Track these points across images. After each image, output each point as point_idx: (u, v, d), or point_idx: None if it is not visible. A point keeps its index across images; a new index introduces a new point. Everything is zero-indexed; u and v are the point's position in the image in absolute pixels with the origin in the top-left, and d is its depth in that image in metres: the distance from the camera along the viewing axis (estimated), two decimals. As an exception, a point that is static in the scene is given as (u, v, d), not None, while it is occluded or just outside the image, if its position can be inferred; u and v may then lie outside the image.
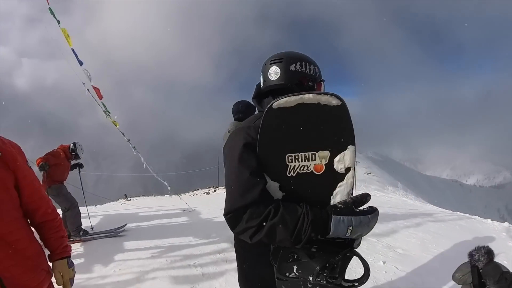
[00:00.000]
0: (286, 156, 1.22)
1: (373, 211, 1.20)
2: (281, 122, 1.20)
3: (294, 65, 1.43)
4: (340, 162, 1.24)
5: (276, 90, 1.48)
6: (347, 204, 1.19)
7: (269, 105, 1.20)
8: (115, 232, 5.56)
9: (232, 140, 1.33)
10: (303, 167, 1.22)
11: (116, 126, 6.77)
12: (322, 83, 1.54)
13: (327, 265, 1.18)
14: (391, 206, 7.49)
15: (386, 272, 3.46)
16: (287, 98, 1.18)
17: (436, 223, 5.48)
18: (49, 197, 4.78)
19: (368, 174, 19.26)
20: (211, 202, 8.43)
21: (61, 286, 1.70)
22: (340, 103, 1.20)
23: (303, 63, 1.45)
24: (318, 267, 1.16)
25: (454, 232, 4.88)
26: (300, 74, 1.44)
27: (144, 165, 7.47)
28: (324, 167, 1.23)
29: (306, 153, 1.22)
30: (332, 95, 1.19)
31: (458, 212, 7.04)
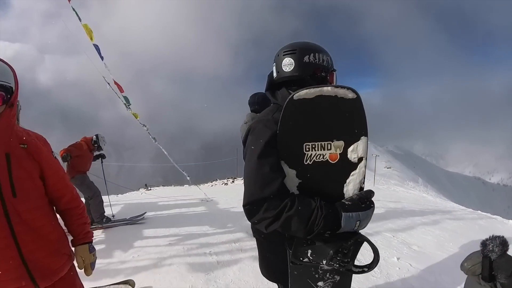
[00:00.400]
0: (304, 145, 1.29)
1: (372, 204, 1.31)
2: (300, 112, 1.27)
3: (307, 56, 1.46)
4: (354, 152, 1.32)
5: (289, 82, 1.51)
6: (353, 200, 1.27)
7: (290, 96, 1.26)
8: (134, 220, 5.73)
9: (254, 134, 1.39)
10: (319, 155, 1.30)
11: (136, 118, 6.91)
12: (334, 73, 1.57)
13: (340, 249, 1.25)
14: (409, 201, 7.40)
15: (399, 268, 3.44)
16: (307, 90, 1.25)
17: (454, 221, 5.37)
18: (75, 186, 4.96)
19: (388, 168, 18.99)
20: (229, 193, 8.52)
21: (83, 270, 1.80)
22: (356, 96, 1.27)
23: (316, 54, 1.47)
24: (332, 251, 1.24)
25: (472, 232, 4.76)
26: (314, 65, 1.47)
27: (166, 154, 7.59)
28: (338, 156, 1.31)
29: (322, 143, 1.29)
30: (348, 88, 1.26)
31: (479, 211, 6.87)
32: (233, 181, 11.71)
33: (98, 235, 5.03)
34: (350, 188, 1.35)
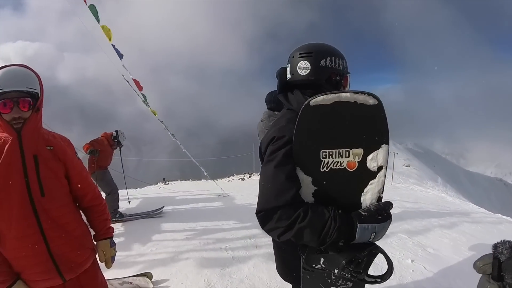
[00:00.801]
0: (321, 152, 1.26)
1: (390, 216, 1.27)
2: (317, 119, 1.24)
3: (324, 60, 1.43)
4: (373, 161, 1.28)
5: (304, 85, 1.48)
6: (370, 212, 1.25)
7: (306, 102, 1.23)
8: (153, 214, 5.89)
9: (272, 142, 1.37)
10: (336, 163, 1.27)
11: (155, 115, 7.07)
12: (348, 76, 1.55)
13: (353, 259, 1.24)
14: (427, 202, 7.27)
15: (413, 271, 3.42)
16: (324, 96, 1.22)
17: (472, 224, 5.26)
18: (95, 181, 5.17)
19: (407, 166, 18.62)
20: (245, 188, 8.56)
21: (103, 263, 1.93)
22: (377, 102, 1.23)
23: (333, 58, 1.44)
24: (344, 261, 1.23)
25: (490, 236, 4.62)
26: (330, 69, 1.44)
27: (185, 152, 7.73)
28: (357, 164, 1.28)
29: (340, 150, 1.26)
30: (369, 94, 1.22)
31: (499, 214, 6.67)
32: (249, 177, 11.74)
33: (117, 228, 5.18)
34: (367, 197, 1.32)
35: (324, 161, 1.27)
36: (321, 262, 1.31)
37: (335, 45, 1.52)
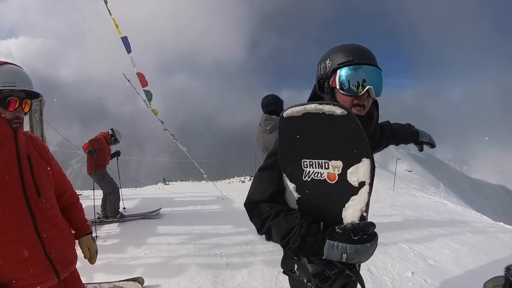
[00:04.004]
0: (302, 161, 1.26)
1: (372, 238, 1.15)
2: (293, 129, 1.25)
3: (317, 68, 1.45)
4: (353, 175, 1.20)
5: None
6: (345, 230, 1.14)
7: (281, 113, 1.27)
8: (150, 215, 5.89)
9: (273, 147, 1.44)
10: (317, 173, 1.25)
11: (156, 115, 7.04)
12: (337, 72, 1.36)
13: (320, 273, 1.19)
14: (429, 209, 7.14)
15: (413, 284, 3.30)
16: (293, 108, 1.23)
17: (475, 234, 5.12)
18: (95, 181, 5.17)
19: (409, 171, 18.54)
20: (245, 191, 8.32)
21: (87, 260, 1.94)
22: (346, 112, 1.15)
23: (319, 64, 1.44)
24: (311, 272, 1.19)
25: (493, 247, 4.53)
26: (318, 77, 1.46)
27: (185, 151, 7.70)
28: (337, 177, 1.22)
29: (320, 161, 1.23)
30: (334, 105, 1.16)
31: (501, 223, 6.54)
32: (250, 179, 11.69)
33: (113, 229, 5.14)
34: (348, 213, 1.21)
35: (306, 170, 1.27)
36: (295, 268, 1.29)
37: (337, 40, 1.42)
